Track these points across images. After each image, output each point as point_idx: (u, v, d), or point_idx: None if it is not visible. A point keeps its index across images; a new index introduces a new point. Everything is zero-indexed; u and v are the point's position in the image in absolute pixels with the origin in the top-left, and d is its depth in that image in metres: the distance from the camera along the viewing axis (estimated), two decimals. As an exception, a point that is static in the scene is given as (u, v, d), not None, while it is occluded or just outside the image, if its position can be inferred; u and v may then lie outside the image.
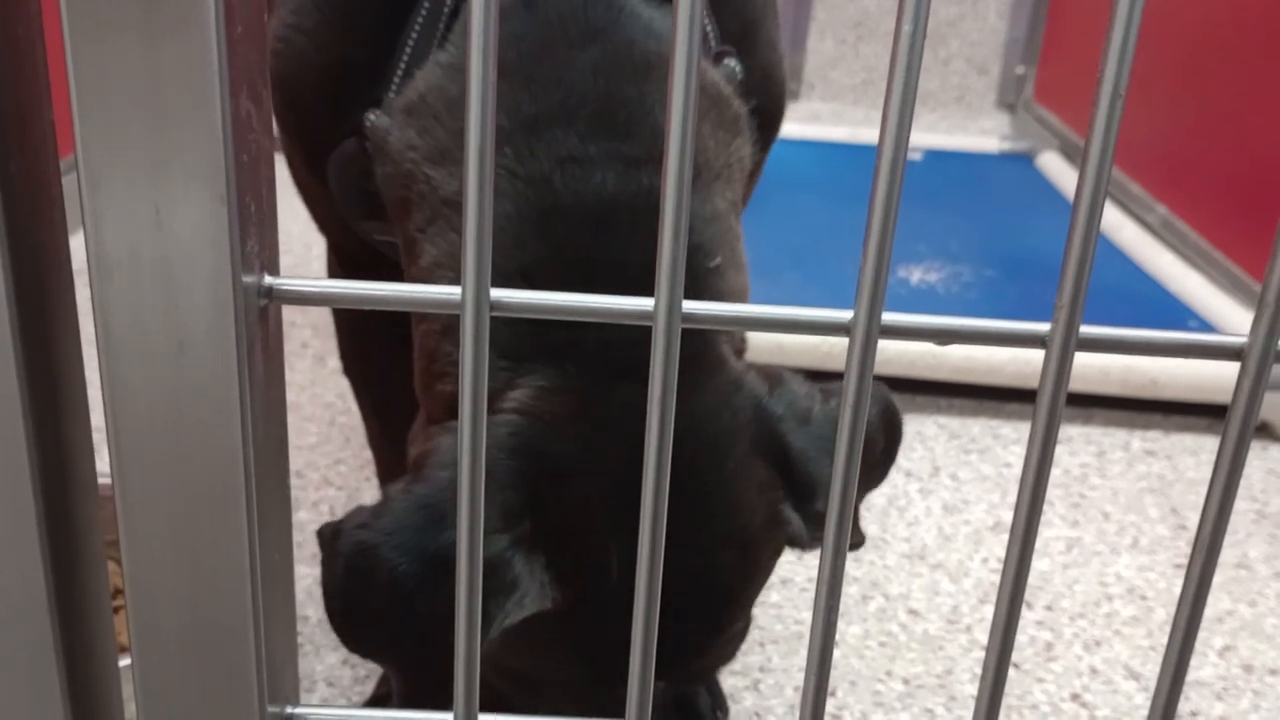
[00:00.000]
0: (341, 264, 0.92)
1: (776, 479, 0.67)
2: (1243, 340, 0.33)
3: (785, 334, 0.37)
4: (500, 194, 0.65)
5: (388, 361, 0.88)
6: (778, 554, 0.70)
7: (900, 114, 0.30)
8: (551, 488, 0.62)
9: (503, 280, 0.65)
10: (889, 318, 0.33)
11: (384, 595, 0.60)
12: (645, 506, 0.35)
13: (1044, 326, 0.33)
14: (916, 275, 1.75)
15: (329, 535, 0.63)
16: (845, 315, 0.33)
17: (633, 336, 0.61)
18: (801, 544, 0.69)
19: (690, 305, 0.33)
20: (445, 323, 0.68)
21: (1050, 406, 0.34)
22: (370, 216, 0.76)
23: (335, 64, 0.77)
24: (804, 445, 0.67)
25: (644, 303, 0.33)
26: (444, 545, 0.60)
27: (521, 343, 0.64)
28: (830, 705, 0.96)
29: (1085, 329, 0.33)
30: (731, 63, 0.77)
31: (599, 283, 0.64)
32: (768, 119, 0.83)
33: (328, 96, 0.76)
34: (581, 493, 0.63)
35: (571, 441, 0.63)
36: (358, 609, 0.62)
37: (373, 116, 0.72)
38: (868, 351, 0.33)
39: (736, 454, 0.65)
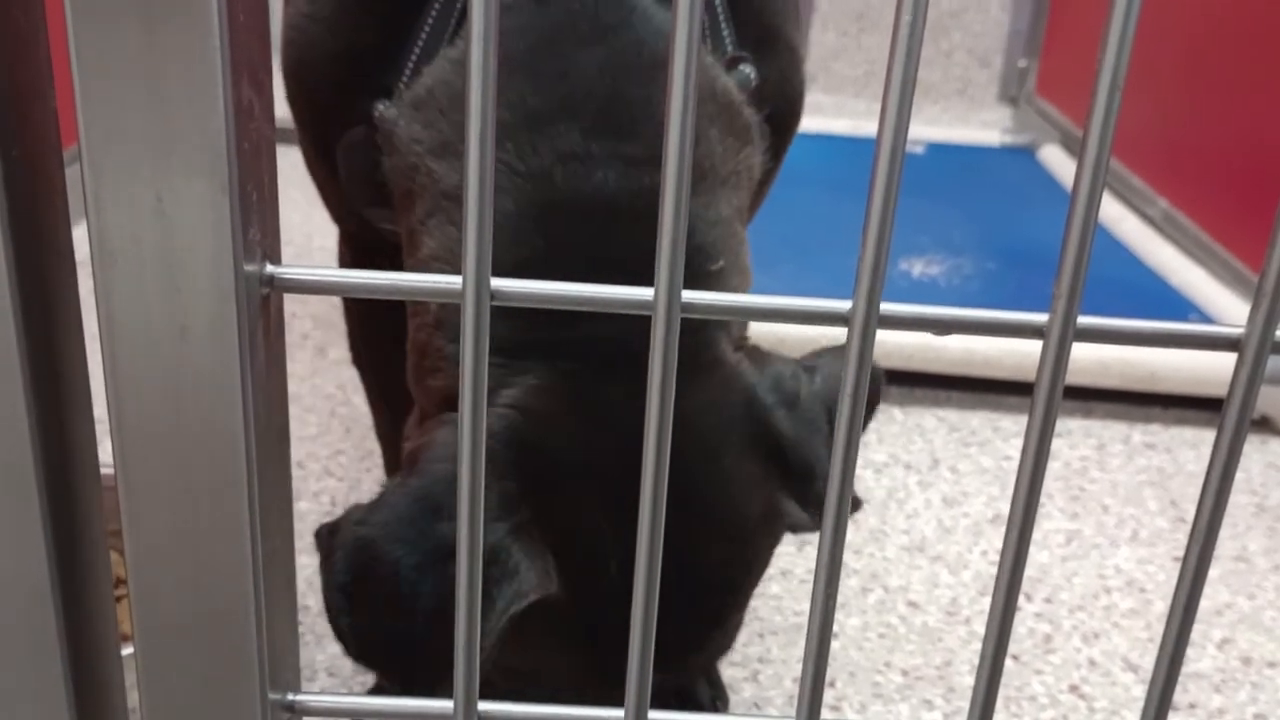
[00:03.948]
0: (353, 252, 0.92)
1: (772, 469, 0.67)
2: (1240, 331, 0.33)
3: (785, 324, 0.37)
4: (500, 190, 0.65)
5: (397, 351, 0.90)
6: (774, 545, 0.71)
7: (900, 101, 0.30)
8: (548, 480, 0.62)
9: (499, 274, 0.65)
10: (887, 308, 0.33)
11: (386, 588, 0.60)
12: (645, 497, 0.35)
13: (1041, 317, 0.33)
14: (918, 268, 1.75)
15: (325, 534, 0.63)
16: (844, 305, 0.33)
17: (627, 332, 0.61)
18: (804, 528, 0.69)
19: (690, 295, 0.33)
20: (438, 316, 0.68)
21: (1048, 397, 0.34)
22: (375, 203, 0.77)
23: (347, 51, 0.77)
24: (795, 430, 0.68)
25: (644, 292, 0.33)
26: (443, 536, 0.59)
27: (515, 339, 0.64)
28: (829, 696, 0.97)
29: (1083, 319, 0.33)
30: (747, 69, 0.76)
31: (595, 280, 0.64)
32: (782, 124, 0.82)
33: (340, 83, 0.77)
34: (578, 486, 0.63)
35: (567, 436, 0.63)
36: (359, 605, 0.61)
37: (382, 107, 0.72)
38: (866, 341, 0.33)
39: (730, 450, 0.66)
